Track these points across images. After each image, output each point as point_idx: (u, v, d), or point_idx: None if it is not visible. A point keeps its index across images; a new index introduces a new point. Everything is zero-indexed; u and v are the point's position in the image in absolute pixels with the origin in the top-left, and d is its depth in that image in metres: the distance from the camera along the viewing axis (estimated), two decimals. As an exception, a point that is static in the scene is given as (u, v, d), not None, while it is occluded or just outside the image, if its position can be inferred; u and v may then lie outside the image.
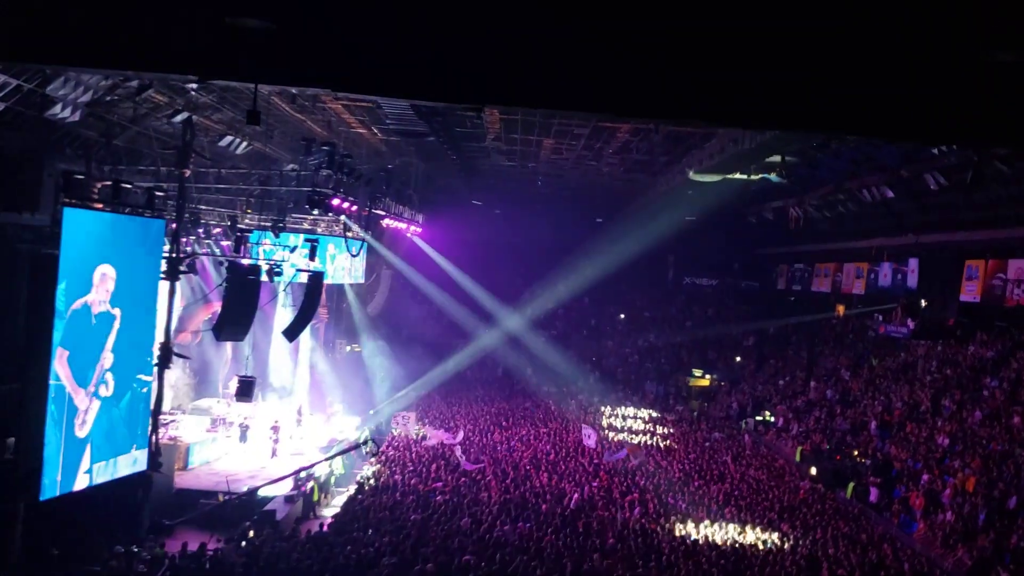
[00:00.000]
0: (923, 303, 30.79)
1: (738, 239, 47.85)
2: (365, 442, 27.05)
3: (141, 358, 18.62)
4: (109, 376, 17.35)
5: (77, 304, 15.73)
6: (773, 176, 28.48)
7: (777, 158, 26.90)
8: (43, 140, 18.10)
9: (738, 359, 47.34)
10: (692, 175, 29.04)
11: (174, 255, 19.55)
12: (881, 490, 24.55)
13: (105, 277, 16.30)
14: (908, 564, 19.59)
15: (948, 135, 11.31)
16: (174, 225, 19.48)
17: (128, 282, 17.12)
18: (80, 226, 15.72)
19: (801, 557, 19.26)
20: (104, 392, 17.31)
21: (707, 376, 46.39)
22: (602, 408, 39.07)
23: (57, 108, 17.24)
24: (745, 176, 29.35)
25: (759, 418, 36.84)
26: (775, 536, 21.09)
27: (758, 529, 21.55)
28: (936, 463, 24.60)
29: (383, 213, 32.49)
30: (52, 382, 15.56)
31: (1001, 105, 8.16)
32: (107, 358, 17.11)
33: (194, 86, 18.04)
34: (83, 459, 16.99)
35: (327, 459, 25.89)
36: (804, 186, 32.85)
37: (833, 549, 20.05)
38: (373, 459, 27.02)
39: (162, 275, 18.97)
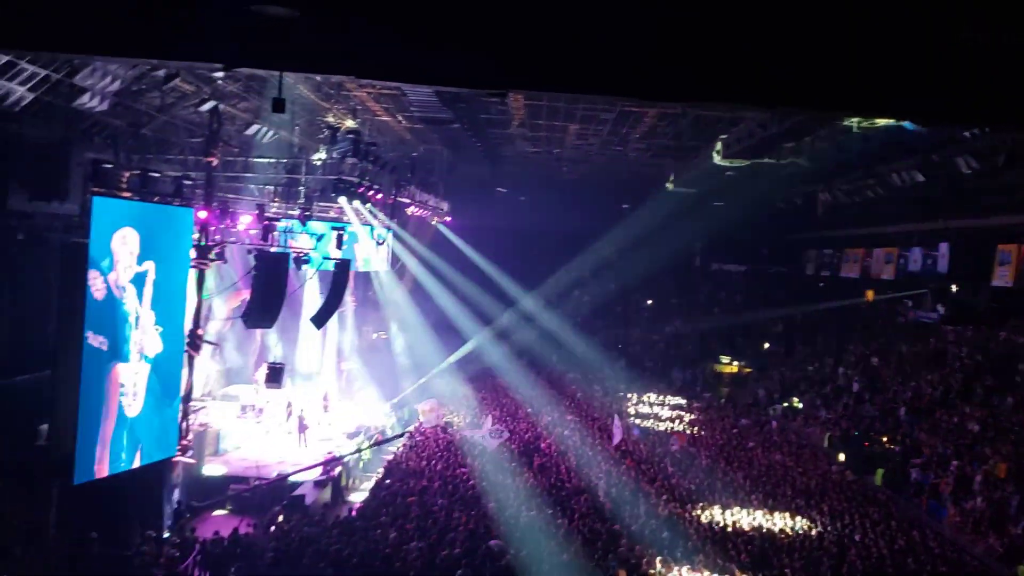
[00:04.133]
0: (954, 288, 30.41)
1: (767, 224, 47.39)
2: (400, 435, 27.35)
3: (179, 328, 18.94)
4: (154, 332, 17.62)
5: (109, 282, 15.95)
6: (802, 160, 28.20)
7: (806, 141, 26.61)
8: (72, 130, 18.30)
9: (766, 345, 47.04)
10: (719, 160, 28.82)
11: (203, 243, 19.75)
12: (922, 472, 24.32)
13: (126, 238, 16.41)
14: (938, 550, 19.44)
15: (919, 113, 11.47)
16: (203, 214, 19.66)
17: (155, 242, 17.28)
18: (109, 214, 15.93)
19: (829, 543, 19.18)
20: (152, 350, 17.61)
21: (735, 363, 46.14)
22: (628, 395, 39.03)
23: (85, 98, 17.42)
24: (774, 160, 29.09)
25: (787, 404, 36.63)
26: (803, 522, 21.00)
27: (786, 515, 21.46)
28: (966, 449, 24.35)
29: (408, 201, 32.56)
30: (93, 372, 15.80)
31: (972, 84, 8.31)
32: (147, 317, 17.34)
33: (220, 74, 18.16)
34: (135, 459, 17.29)
35: (358, 451, 26.13)
36: (833, 171, 32.48)
37: (861, 535, 19.94)
38: (402, 445, 27.26)
39: (191, 263, 19.19)
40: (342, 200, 25.77)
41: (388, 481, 23.13)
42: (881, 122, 21.24)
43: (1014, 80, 8.17)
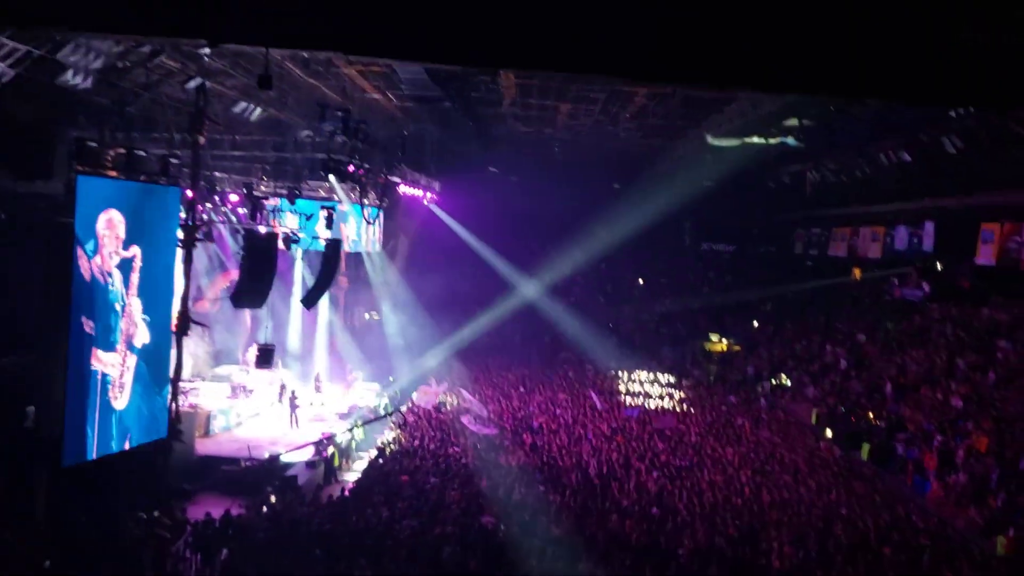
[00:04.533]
0: (939, 266, 30.57)
1: (756, 204, 47.51)
2: (389, 413, 27.39)
3: (167, 317, 18.78)
4: (141, 322, 17.41)
5: (92, 266, 15.75)
6: (791, 139, 28.28)
7: (795, 122, 26.67)
8: (55, 108, 18.13)
9: (755, 324, 47.20)
10: (710, 139, 28.90)
11: (190, 223, 19.65)
12: (907, 447, 24.55)
13: (111, 222, 16.22)
14: (921, 524, 19.68)
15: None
16: (190, 193, 19.56)
17: (142, 224, 17.06)
18: (94, 194, 15.79)
19: (816, 518, 19.37)
20: (139, 340, 17.42)
21: (724, 341, 46.28)
22: (619, 373, 39.19)
23: (69, 75, 17.24)
24: (763, 140, 29.15)
25: (775, 382, 36.81)
26: (790, 497, 21.17)
27: (774, 490, 21.62)
28: (949, 425, 24.58)
29: (399, 180, 32.46)
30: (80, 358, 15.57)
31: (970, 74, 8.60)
32: (134, 305, 17.12)
33: (206, 51, 18.00)
34: (124, 444, 17.18)
35: (350, 429, 26.18)
36: (822, 150, 32.53)
37: (847, 510, 20.15)
38: (394, 424, 27.37)
39: (179, 243, 19.10)
40: (331, 179, 25.65)
41: (381, 461, 23.23)
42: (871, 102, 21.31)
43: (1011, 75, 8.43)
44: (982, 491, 20.59)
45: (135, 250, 16.86)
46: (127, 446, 17.17)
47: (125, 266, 16.65)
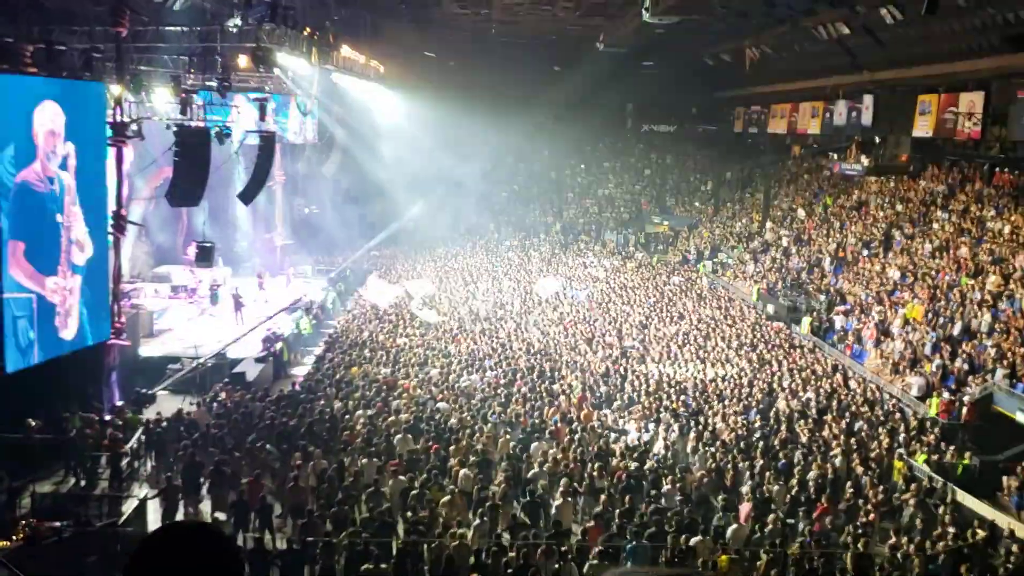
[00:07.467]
0: (877, 140, 30.93)
1: (695, 83, 47.24)
2: (322, 305, 27.36)
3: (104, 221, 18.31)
4: (84, 237, 16.91)
5: (22, 177, 15.04)
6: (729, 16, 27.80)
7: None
8: (-35, 2, 17.07)
9: (696, 204, 47.67)
10: (647, 18, 28.36)
11: (118, 119, 18.94)
12: (846, 319, 25.33)
13: (53, 120, 15.55)
14: (860, 391, 20.50)
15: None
16: (115, 88, 18.77)
17: (73, 122, 16.45)
18: (14, 93, 15.03)
19: (759, 390, 20.06)
20: (80, 257, 16.93)
21: (665, 223, 46.75)
22: (563, 258, 39.51)
23: (-24, -33, 16.19)
24: (703, 16, 28.69)
25: (716, 260, 37.49)
26: (733, 371, 21.85)
27: (717, 365, 22.28)
28: (887, 295, 25.37)
29: (333, 68, 31.47)
30: (10, 295, 14.76)
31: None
32: (74, 219, 16.53)
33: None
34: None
35: (282, 312, 26.09)
36: (761, 25, 32.20)
37: (789, 381, 20.86)
38: (340, 318, 27.37)
39: (108, 141, 18.45)
40: (262, 69, 24.74)
41: (330, 354, 23.31)
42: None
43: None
44: (918, 357, 21.44)
45: (69, 147, 16.20)
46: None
47: (62, 167, 16.03)
